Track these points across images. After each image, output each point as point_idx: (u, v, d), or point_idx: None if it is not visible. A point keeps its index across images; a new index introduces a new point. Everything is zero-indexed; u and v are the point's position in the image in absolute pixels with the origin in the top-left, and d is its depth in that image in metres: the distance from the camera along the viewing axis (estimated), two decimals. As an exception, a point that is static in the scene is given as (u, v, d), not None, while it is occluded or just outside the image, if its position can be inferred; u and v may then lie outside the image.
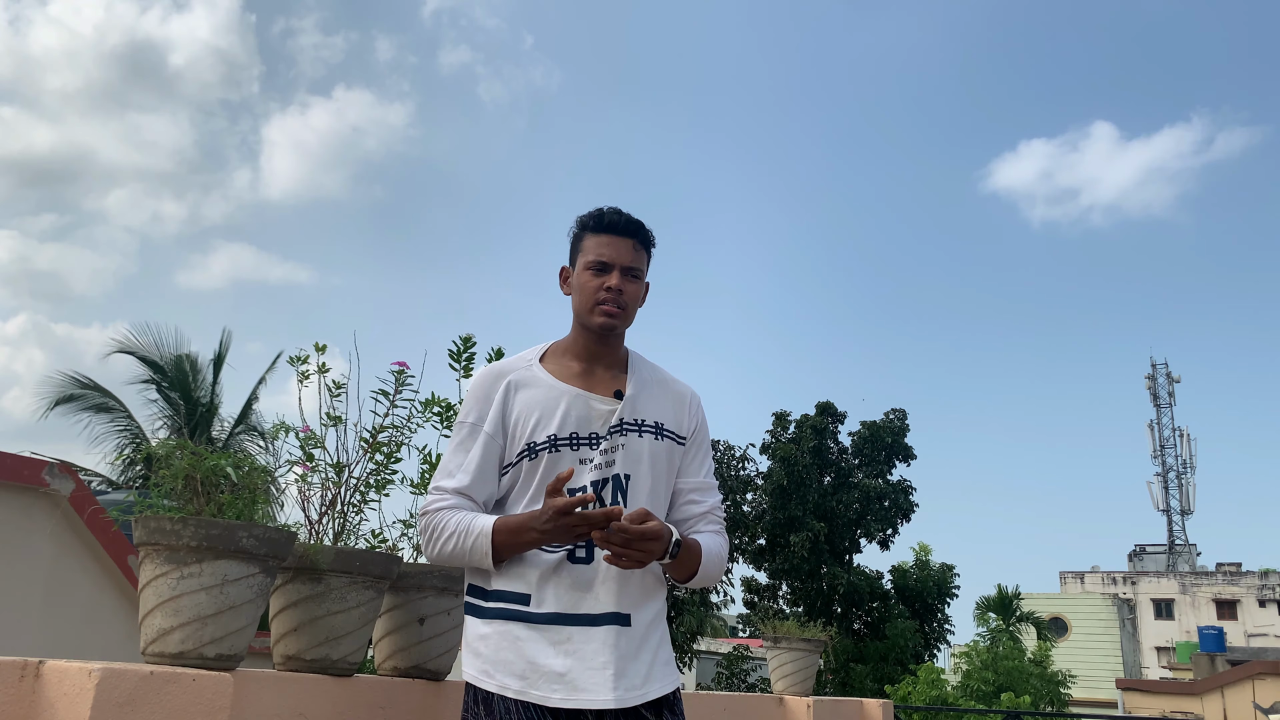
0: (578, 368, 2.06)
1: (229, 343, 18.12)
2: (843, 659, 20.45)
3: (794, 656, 4.59)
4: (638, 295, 2.07)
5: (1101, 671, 35.24)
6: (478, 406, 2.02)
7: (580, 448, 1.97)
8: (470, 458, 1.99)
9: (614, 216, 2.05)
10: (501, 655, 1.88)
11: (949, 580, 21.90)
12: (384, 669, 2.43)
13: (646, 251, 2.09)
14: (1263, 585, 39.74)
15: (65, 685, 1.67)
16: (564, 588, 1.90)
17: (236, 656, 1.91)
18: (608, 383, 2.05)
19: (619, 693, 1.85)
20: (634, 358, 2.13)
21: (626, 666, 1.88)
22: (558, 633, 1.88)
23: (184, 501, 1.96)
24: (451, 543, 1.92)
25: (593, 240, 2.05)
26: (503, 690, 1.84)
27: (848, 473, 22.53)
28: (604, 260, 2.02)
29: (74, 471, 7.23)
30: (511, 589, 1.92)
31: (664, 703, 1.93)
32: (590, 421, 1.99)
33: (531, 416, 1.99)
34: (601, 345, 2.06)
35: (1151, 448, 49.11)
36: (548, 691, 1.84)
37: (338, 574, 2.17)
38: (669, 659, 1.99)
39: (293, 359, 2.55)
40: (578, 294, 2.05)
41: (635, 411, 2.03)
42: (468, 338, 2.63)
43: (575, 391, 2.01)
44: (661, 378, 2.14)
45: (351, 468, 2.40)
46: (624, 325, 2.06)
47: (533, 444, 1.97)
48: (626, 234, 2.04)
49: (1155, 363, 50.31)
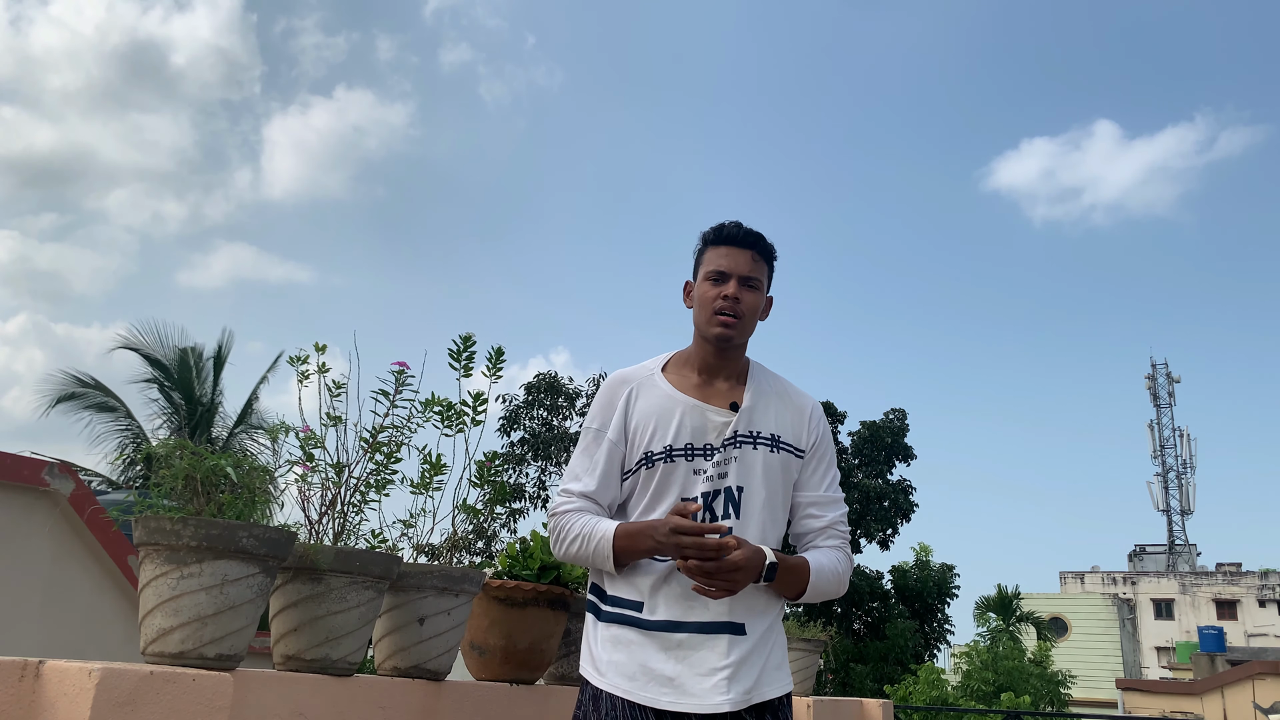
0: (696, 379, 2.08)
1: (230, 342, 18.15)
2: (843, 659, 20.44)
3: (794, 656, 4.59)
4: (756, 306, 2.07)
5: (1101, 671, 35.24)
6: (603, 413, 2.07)
7: (694, 459, 2.00)
8: (596, 462, 2.03)
9: (733, 229, 2.08)
10: (614, 657, 1.93)
11: (949, 580, 21.88)
12: (384, 669, 2.43)
13: (767, 263, 2.10)
14: (1263, 585, 39.74)
15: (65, 685, 1.67)
16: (675, 596, 1.93)
17: (236, 656, 1.91)
18: (725, 394, 2.06)
19: (729, 696, 1.87)
20: (755, 369, 2.14)
21: (738, 673, 1.90)
22: (669, 639, 1.91)
23: (184, 501, 1.96)
24: (577, 545, 1.97)
25: (712, 252, 2.08)
26: (613, 689, 1.89)
27: (847, 473, 22.52)
28: (722, 270, 2.04)
29: (74, 471, 7.23)
30: (626, 596, 1.96)
31: (768, 707, 1.94)
32: (705, 433, 2.01)
33: (649, 425, 2.02)
34: (720, 357, 2.07)
35: (1151, 448, 49.14)
36: (656, 694, 1.87)
37: (338, 574, 2.17)
38: (780, 663, 2.00)
39: (293, 359, 2.55)
40: (698, 305, 2.08)
41: (751, 424, 2.03)
42: (468, 337, 2.63)
43: (692, 402, 2.03)
44: (782, 389, 2.14)
45: (351, 468, 2.40)
46: (742, 336, 2.06)
47: (649, 453, 2.01)
48: (745, 245, 2.06)
49: (1155, 363, 50.36)
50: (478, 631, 2.79)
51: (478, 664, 2.84)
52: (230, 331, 18.33)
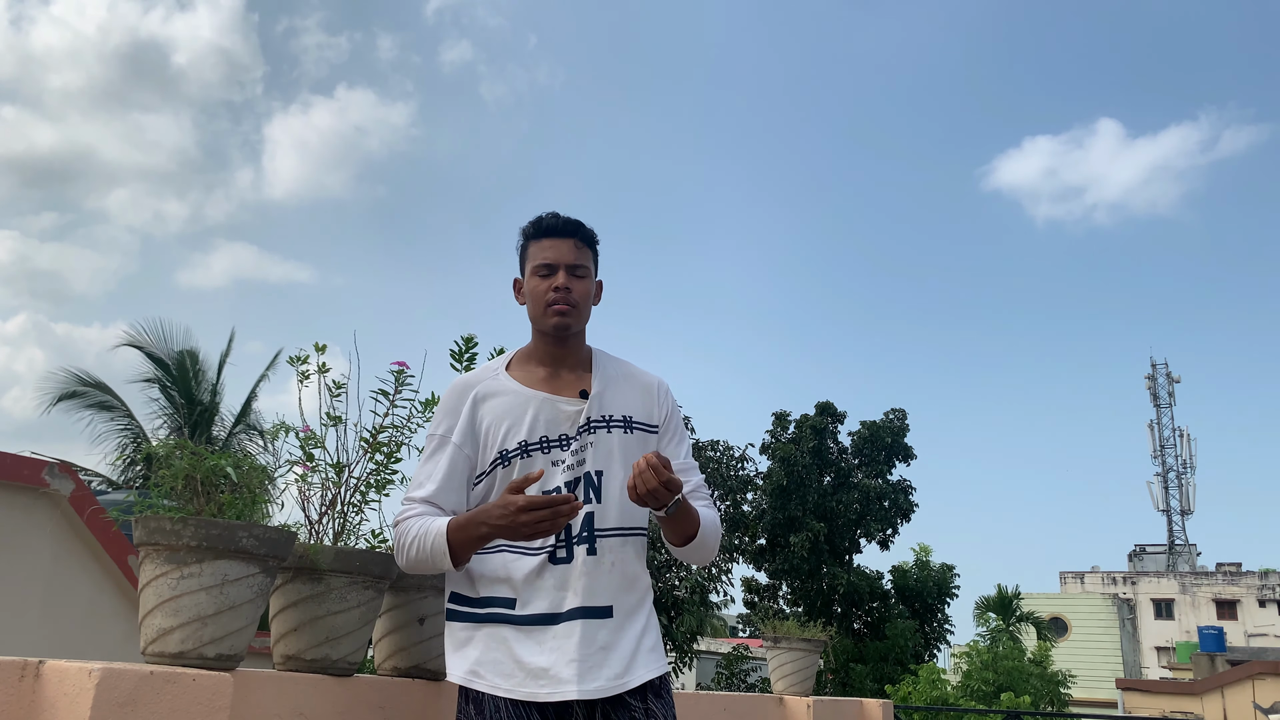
0: (542, 372, 2.08)
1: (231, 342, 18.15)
2: (843, 659, 20.44)
3: (794, 656, 4.59)
4: (588, 292, 2.08)
5: (1101, 671, 35.23)
6: (446, 419, 2.05)
7: (551, 450, 2.00)
8: (437, 468, 2.02)
9: (551, 220, 2.09)
10: (490, 656, 1.91)
11: (949, 580, 21.89)
12: (384, 669, 2.43)
13: (590, 249, 2.11)
14: (1263, 585, 39.73)
15: (65, 685, 1.67)
16: (548, 589, 1.93)
17: (236, 656, 1.91)
18: (573, 384, 2.07)
19: (600, 683, 1.88)
20: (598, 355, 2.15)
21: (608, 656, 1.91)
22: (543, 632, 1.91)
23: (184, 501, 1.96)
24: (415, 548, 1.94)
25: (535, 246, 2.09)
26: (493, 690, 1.88)
27: (847, 473, 22.52)
28: (548, 262, 2.05)
29: (74, 471, 7.23)
30: (497, 594, 1.95)
31: (649, 688, 1.95)
32: (559, 423, 2.02)
33: (501, 425, 2.02)
34: (561, 347, 2.08)
35: (1151, 448, 49.13)
36: (535, 688, 1.87)
37: (338, 574, 2.17)
38: (654, 645, 2.00)
39: (293, 359, 2.55)
40: (530, 300, 2.08)
41: (602, 408, 2.05)
42: (469, 337, 2.63)
43: (542, 396, 2.04)
44: (628, 371, 2.16)
45: (351, 468, 2.40)
46: (579, 324, 2.08)
47: (505, 451, 2.00)
48: (565, 234, 2.07)
49: (1155, 363, 50.34)
50: (478, 631, 2.79)
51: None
52: (231, 331, 18.36)
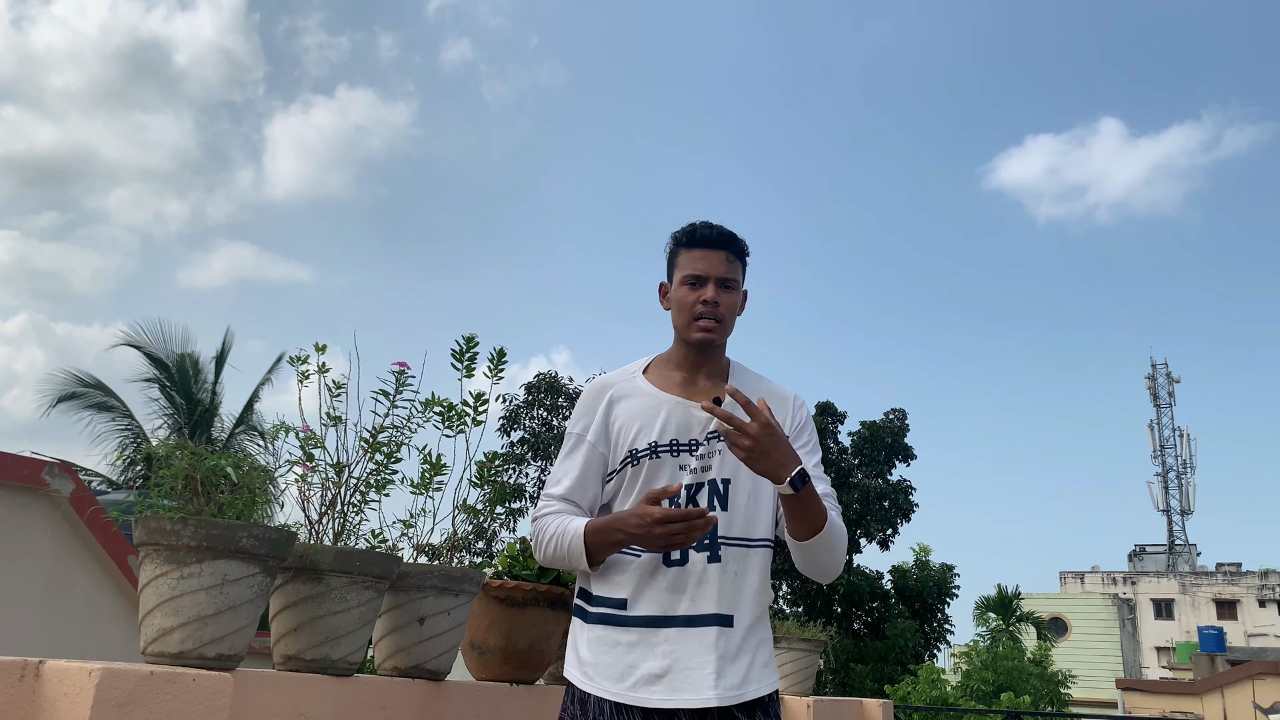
0: (679, 378, 2.10)
1: (231, 342, 18.15)
2: (843, 659, 20.44)
3: (794, 656, 4.60)
4: (734, 305, 2.10)
5: (1101, 671, 35.23)
6: (583, 418, 2.09)
7: (680, 454, 2.02)
8: (573, 465, 2.06)
9: (705, 230, 2.09)
10: (601, 659, 1.92)
11: (949, 580, 21.88)
12: (384, 669, 2.43)
13: (741, 262, 2.12)
14: (1263, 585, 39.74)
15: (65, 685, 1.67)
16: (660, 590, 1.93)
17: (236, 656, 1.91)
18: (709, 391, 2.07)
19: (718, 691, 1.87)
20: (735, 367, 2.16)
21: (726, 666, 1.90)
22: (655, 635, 1.91)
23: (184, 501, 1.96)
24: (553, 545, 1.98)
25: (686, 255, 2.09)
26: (601, 693, 1.89)
27: (847, 473, 22.52)
28: (698, 274, 2.06)
29: (74, 471, 7.24)
30: (609, 594, 1.96)
31: (759, 704, 1.94)
32: (689, 428, 2.03)
33: (633, 426, 2.04)
34: (701, 356, 2.10)
35: (1151, 448, 49.12)
36: (646, 693, 1.87)
37: (338, 574, 2.17)
38: (768, 661, 2.00)
39: (293, 359, 2.55)
40: (676, 309, 2.10)
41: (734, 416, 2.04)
42: (471, 338, 2.63)
43: (675, 400, 2.05)
44: (762, 383, 2.17)
45: (351, 468, 2.40)
46: (722, 336, 2.09)
47: (634, 451, 2.02)
48: (719, 246, 2.08)
49: (1155, 363, 50.30)
50: (478, 631, 2.79)
51: (478, 664, 2.84)
52: (233, 332, 18.36)
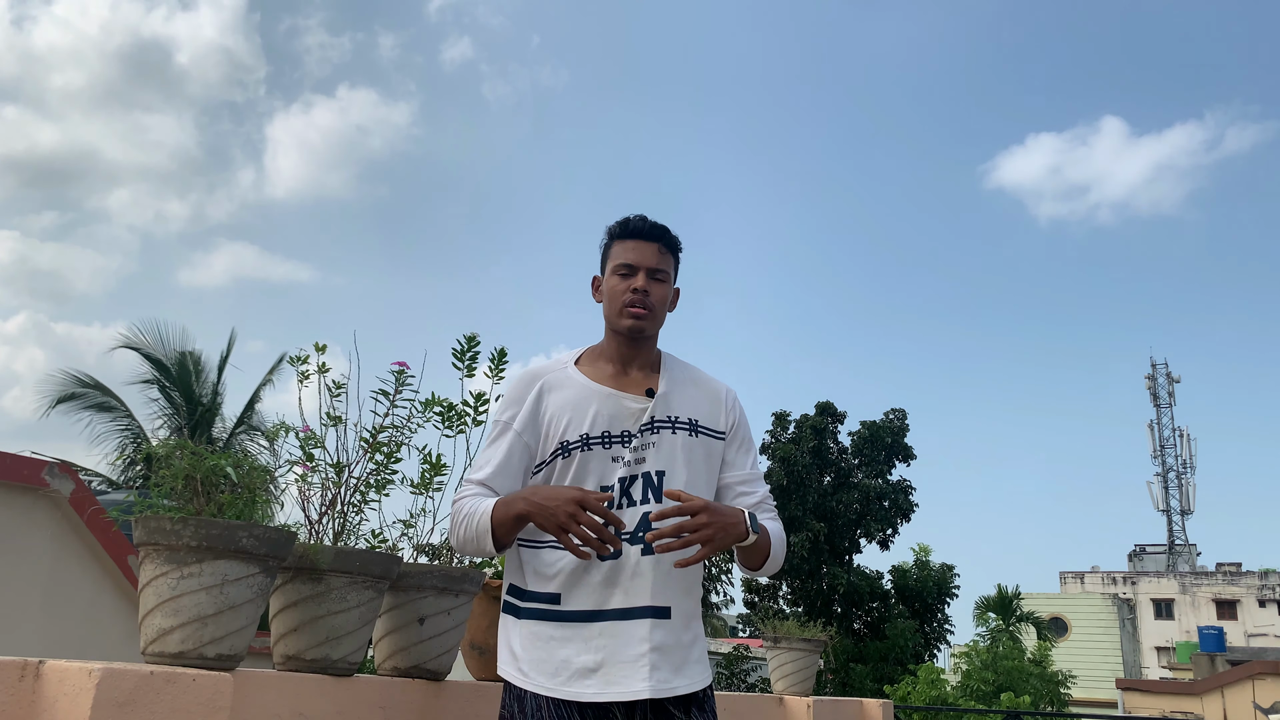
0: (611, 369, 2.10)
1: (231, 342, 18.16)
2: (843, 659, 20.44)
3: (794, 656, 4.59)
4: (665, 297, 2.10)
5: (1101, 671, 35.23)
6: (511, 407, 2.08)
7: (612, 445, 2.01)
8: (497, 453, 2.04)
9: (639, 223, 2.10)
10: (534, 654, 1.92)
11: (949, 580, 21.87)
12: (384, 669, 2.43)
13: (673, 255, 2.13)
14: (1263, 585, 39.72)
15: (65, 685, 1.67)
16: (593, 585, 1.93)
17: (236, 656, 1.91)
18: (640, 383, 2.08)
19: (651, 684, 1.87)
20: (667, 358, 2.16)
21: (660, 659, 1.90)
22: (588, 629, 1.91)
23: (184, 501, 1.96)
24: (463, 527, 1.97)
25: (619, 246, 2.10)
26: (536, 689, 1.88)
27: (847, 473, 22.52)
28: (630, 263, 2.07)
29: (74, 471, 7.24)
30: (542, 589, 1.96)
31: (694, 699, 1.94)
32: (621, 420, 2.02)
33: (564, 417, 2.03)
34: (633, 347, 2.10)
35: (1151, 448, 49.10)
36: (580, 688, 1.87)
37: (338, 574, 2.17)
38: (702, 656, 2.00)
39: (293, 359, 2.55)
40: (607, 299, 2.10)
41: (668, 409, 2.05)
42: (472, 337, 2.63)
43: (607, 391, 2.05)
44: (695, 376, 2.17)
45: (351, 468, 2.40)
46: (653, 327, 2.09)
47: (565, 443, 2.01)
48: (651, 238, 2.09)
49: (1155, 363, 50.27)
50: (478, 631, 2.79)
51: (478, 664, 2.84)
52: (232, 331, 18.37)
